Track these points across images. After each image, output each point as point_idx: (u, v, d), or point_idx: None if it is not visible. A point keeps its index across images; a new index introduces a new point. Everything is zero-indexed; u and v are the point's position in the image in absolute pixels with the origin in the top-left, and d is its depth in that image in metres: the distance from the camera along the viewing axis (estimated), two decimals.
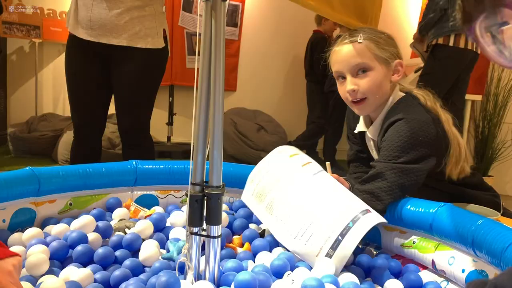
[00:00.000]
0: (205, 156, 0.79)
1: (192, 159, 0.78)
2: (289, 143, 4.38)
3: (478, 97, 3.48)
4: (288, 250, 0.96)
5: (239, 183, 1.24)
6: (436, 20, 2.76)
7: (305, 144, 4.28)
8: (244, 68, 4.85)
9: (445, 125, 1.15)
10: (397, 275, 0.97)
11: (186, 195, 0.79)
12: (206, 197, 0.78)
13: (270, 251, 0.99)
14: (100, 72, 1.78)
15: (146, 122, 1.89)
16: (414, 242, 1.02)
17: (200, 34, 0.78)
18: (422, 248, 0.99)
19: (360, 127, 1.27)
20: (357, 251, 1.04)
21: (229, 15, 4.76)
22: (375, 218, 0.95)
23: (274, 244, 1.01)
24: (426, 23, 2.82)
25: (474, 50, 2.81)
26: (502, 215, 1.20)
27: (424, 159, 1.06)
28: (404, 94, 1.20)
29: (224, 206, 1.24)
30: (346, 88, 1.14)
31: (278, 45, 4.82)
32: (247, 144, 4.17)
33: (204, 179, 0.80)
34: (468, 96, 3.25)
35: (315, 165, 1.09)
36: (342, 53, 1.15)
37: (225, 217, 1.20)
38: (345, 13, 1.18)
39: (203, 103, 0.78)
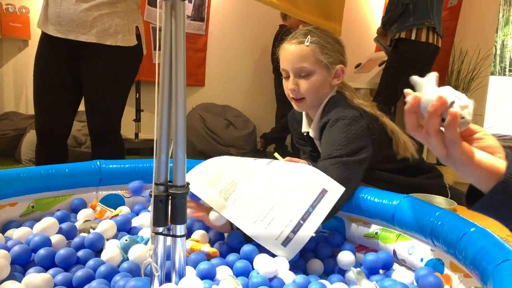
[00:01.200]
0: (169, 155, 0.79)
1: (155, 158, 0.78)
2: (264, 135, 4.39)
3: None
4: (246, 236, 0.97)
5: None
6: (399, 14, 2.83)
7: (278, 137, 4.31)
8: (212, 63, 4.82)
9: (377, 116, 1.22)
10: None
11: (150, 195, 0.79)
12: (170, 197, 0.78)
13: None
14: (70, 71, 1.74)
15: (116, 122, 1.85)
16: (376, 233, 1.05)
17: (160, 29, 0.77)
18: (384, 238, 1.03)
19: (304, 127, 1.34)
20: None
21: (196, 10, 4.72)
22: (332, 199, 0.98)
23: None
24: (389, 18, 2.89)
25: (435, 43, 2.90)
26: (450, 194, 1.29)
27: (360, 150, 1.12)
28: (335, 94, 1.26)
29: None
30: (288, 86, 1.23)
31: (246, 40, 4.82)
32: (216, 140, 4.16)
33: (168, 178, 0.80)
34: None
35: (266, 159, 1.14)
36: (289, 53, 1.22)
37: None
38: (309, 11, 1.20)
39: (165, 101, 0.78)
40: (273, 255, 0.93)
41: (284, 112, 4.34)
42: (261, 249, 0.95)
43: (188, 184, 0.80)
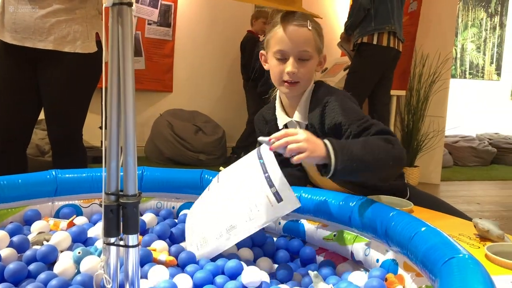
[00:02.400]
0: (119, 163, 0.78)
1: (105, 167, 0.76)
2: (233, 149, 4.38)
3: (402, 92, 3.68)
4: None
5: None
6: (361, 20, 2.89)
7: (246, 144, 4.30)
8: (180, 68, 4.79)
9: None
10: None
11: (100, 205, 0.77)
12: (121, 207, 0.77)
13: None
14: (29, 79, 1.69)
15: (77, 131, 1.81)
16: (335, 235, 1.06)
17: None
18: (342, 240, 1.04)
19: (283, 120, 1.27)
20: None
21: (162, 15, 4.68)
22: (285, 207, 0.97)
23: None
24: (351, 23, 2.94)
25: (396, 48, 2.98)
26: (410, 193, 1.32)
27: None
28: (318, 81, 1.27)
29: None
30: (287, 69, 1.17)
31: (214, 45, 4.81)
32: (184, 146, 4.13)
33: (119, 188, 0.78)
34: (393, 92, 3.43)
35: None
36: (293, 35, 1.16)
37: (152, 218, 1.19)
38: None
39: (113, 107, 0.76)
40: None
41: (248, 117, 4.36)
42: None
43: (140, 193, 0.78)
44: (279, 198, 0.96)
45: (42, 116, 1.81)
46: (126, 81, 0.75)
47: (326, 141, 0.97)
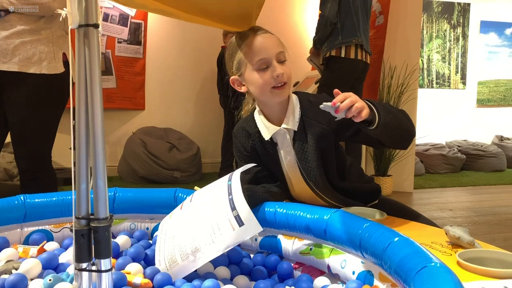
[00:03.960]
0: (89, 186, 0.76)
1: (74, 190, 0.75)
2: (219, 174, 4.38)
3: None
4: None
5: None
6: (328, 34, 2.95)
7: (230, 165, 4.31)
8: (152, 86, 4.76)
9: None
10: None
11: (71, 230, 0.75)
12: (92, 231, 0.75)
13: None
14: None
15: (46, 153, 1.76)
16: (311, 249, 1.06)
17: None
18: (319, 254, 1.04)
19: (271, 131, 1.26)
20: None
21: (132, 33, 4.66)
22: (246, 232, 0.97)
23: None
24: (320, 38, 3.00)
25: (364, 60, 3.05)
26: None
27: None
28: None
29: None
30: (275, 72, 1.18)
31: (186, 61, 4.81)
32: (158, 164, 4.08)
33: (90, 211, 0.77)
34: None
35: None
36: (266, 41, 1.20)
37: (125, 240, 1.16)
38: (224, 22, 1.21)
39: (82, 128, 0.75)
40: None
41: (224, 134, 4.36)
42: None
43: (111, 216, 0.77)
44: (240, 222, 0.96)
45: (9, 138, 1.77)
46: (94, 102, 0.74)
47: (365, 100, 1.04)
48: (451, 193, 4.23)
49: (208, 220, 1.00)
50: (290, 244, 1.12)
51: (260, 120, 1.29)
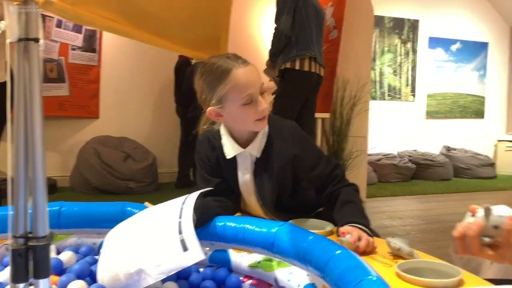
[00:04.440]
0: (28, 202, 0.74)
1: (11, 207, 0.72)
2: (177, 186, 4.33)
3: (327, 115, 3.85)
4: None
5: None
6: (283, 47, 3.01)
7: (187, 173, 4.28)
8: (107, 94, 4.66)
9: None
10: None
11: (7, 249, 0.72)
12: (31, 250, 0.73)
13: None
14: None
15: None
16: (259, 262, 1.08)
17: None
18: (267, 267, 1.06)
19: (235, 151, 1.28)
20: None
21: (86, 40, 4.56)
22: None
23: None
24: (275, 50, 3.06)
25: (317, 72, 3.13)
26: None
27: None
28: None
29: None
30: (260, 107, 1.19)
31: (144, 69, 4.75)
32: (113, 174, 3.99)
33: (29, 229, 0.74)
34: (317, 115, 3.59)
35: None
36: (251, 75, 1.19)
37: (70, 256, 1.13)
38: (191, 46, 1.21)
39: (20, 141, 0.73)
40: None
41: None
42: None
43: (51, 233, 0.75)
44: (184, 247, 0.95)
45: None
46: (34, 117, 0.72)
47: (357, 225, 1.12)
48: (402, 201, 4.39)
49: (155, 241, 0.99)
50: (239, 257, 1.13)
51: (225, 138, 1.30)
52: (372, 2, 3.99)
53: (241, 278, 1.11)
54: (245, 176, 1.32)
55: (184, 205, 1.04)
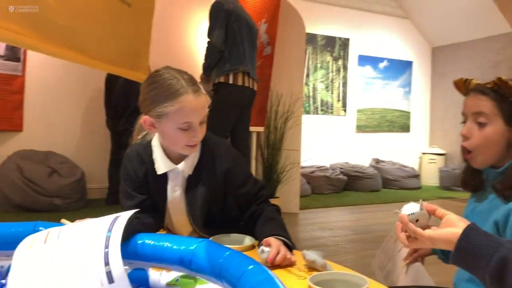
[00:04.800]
0: None
1: None
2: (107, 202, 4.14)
3: (261, 129, 3.92)
4: None
5: None
6: (216, 61, 3.03)
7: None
8: (32, 105, 4.41)
9: None
10: None
11: None
12: None
13: None
14: None
15: None
16: (177, 280, 1.06)
17: None
18: (185, 284, 1.04)
19: (167, 166, 1.28)
20: None
21: (10, 49, 4.31)
22: None
23: None
24: (208, 64, 3.08)
25: (251, 87, 3.18)
26: None
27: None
28: None
29: None
30: (194, 138, 1.22)
31: (72, 80, 4.55)
32: (36, 191, 3.76)
33: None
34: (252, 128, 3.64)
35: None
36: (198, 105, 1.20)
37: None
38: (111, 62, 1.17)
39: None
40: None
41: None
42: None
43: None
44: (110, 279, 0.91)
45: None
46: None
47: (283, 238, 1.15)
48: (334, 212, 4.53)
49: (77, 270, 0.93)
50: (158, 275, 1.10)
51: (157, 152, 1.29)
52: (305, 21, 4.14)
53: None
54: (175, 193, 1.31)
55: (111, 234, 0.98)
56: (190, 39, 5.17)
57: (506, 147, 1.07)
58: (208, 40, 3.08)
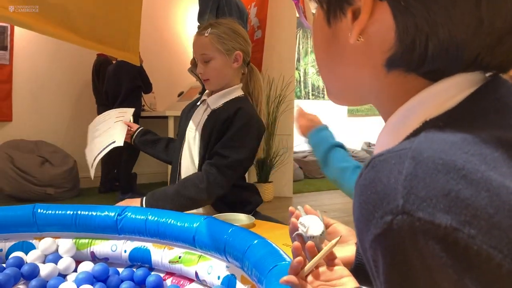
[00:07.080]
0: None
1: None
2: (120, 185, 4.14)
3: None
4: None
5: None
6: None
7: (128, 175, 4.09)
8: (20, 95, 4.35)
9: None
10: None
11: None
12: None
13: None
14: None
15: None
16: (180, 257, 1.06)
17: None
18: (187, 261, 1.05)
19: (203, 98, 1.50)
20: None
21: None
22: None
23: None
24: None
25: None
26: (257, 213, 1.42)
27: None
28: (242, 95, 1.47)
29: None
30: (200, 70, 1.43)
31: (62, 67, 4.49)
32: (28, 180, 3.73)
33: None
34: None
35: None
36: (194, 44, 1.44)
37: None
38: (101, 42, 1.16)
39: None
40: None
41: None
42: None
43: None
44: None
45: None
46: None
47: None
48: (326, 196, 4.57)
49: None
50: (160, 253, 1.11)
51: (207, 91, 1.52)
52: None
53: (162, 275, 1.09)
54: (196, 120, 1.48)
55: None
56: (179, 23, 5.11)
57: None
58: (198, 24, 3.04)
